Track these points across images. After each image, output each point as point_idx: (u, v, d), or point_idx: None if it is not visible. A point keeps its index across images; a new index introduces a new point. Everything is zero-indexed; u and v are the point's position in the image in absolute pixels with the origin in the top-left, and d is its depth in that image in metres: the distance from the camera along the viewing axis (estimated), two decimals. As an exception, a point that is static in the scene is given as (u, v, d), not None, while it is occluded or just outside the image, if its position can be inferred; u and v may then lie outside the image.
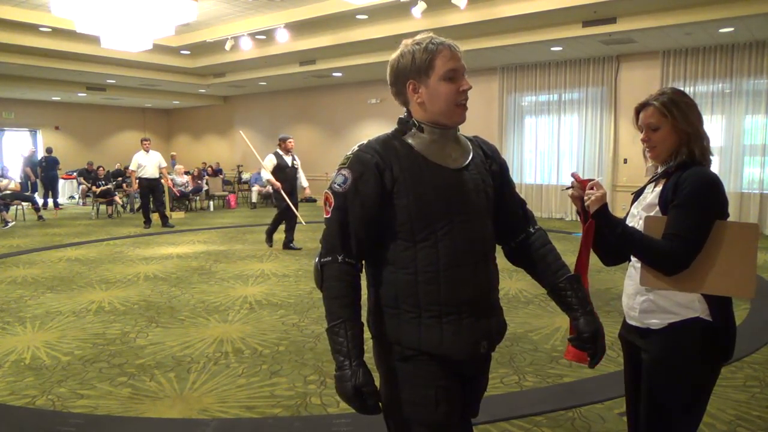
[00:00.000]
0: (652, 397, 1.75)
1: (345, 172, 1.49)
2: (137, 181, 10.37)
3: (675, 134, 1.75)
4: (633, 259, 1.83)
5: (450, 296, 1.47)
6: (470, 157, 1.57)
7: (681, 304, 1.70)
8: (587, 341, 1.55)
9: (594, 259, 1.85)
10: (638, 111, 1.84)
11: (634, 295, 1.81)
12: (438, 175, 1.50)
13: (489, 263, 1.57)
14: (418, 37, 1.51)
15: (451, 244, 1.48)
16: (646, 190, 1.88)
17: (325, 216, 1.52)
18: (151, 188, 10.43)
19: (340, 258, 1.48)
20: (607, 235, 1.76)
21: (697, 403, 1.73)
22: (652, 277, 1.71)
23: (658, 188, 1.79)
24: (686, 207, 1.66)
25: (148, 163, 10.29)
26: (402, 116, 1.57)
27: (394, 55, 1.53)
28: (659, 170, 1.82)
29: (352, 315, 1.46)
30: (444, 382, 1.49)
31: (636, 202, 1.90)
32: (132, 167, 10.39)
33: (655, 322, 1.74)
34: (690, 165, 1.73)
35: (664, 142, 1.77)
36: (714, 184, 1.70)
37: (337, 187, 1.49)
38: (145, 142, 10.47)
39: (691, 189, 1.66)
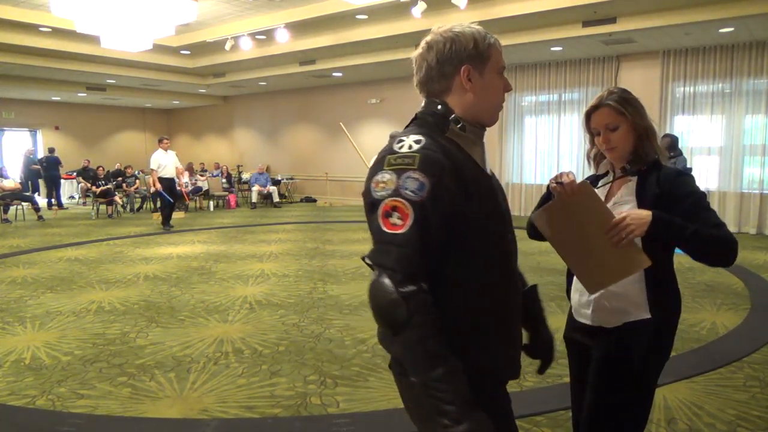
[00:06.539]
0: (597, 395, 1.73)
1: (417, 175, 1.17)
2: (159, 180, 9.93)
3: (633, 132, 1.74)
4: None
5: (510, 317, 1.35)
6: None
7: (635, 304, 1.69)
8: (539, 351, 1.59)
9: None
10: (589, 114, 1.80)
11: (586, 293, 1.77)
12: (489, 183, 1.32)
13: None
14: (465, 24, 1.31)
15: (507, 260, 1.33)
16: (599, 190, 1.81)
17: (393, 231, 1.17)
18: (170, 187, 10.08)
19: (424, 286, 1.16)
20: (675, 241, 1.62)
21: (642, 402, 1.72)
22: (594, 284, 1.69)
23: (631, 184, 1.75)
24: (699, 203, 1.64)
25: (168, 162, 9.99)
26: (437, 109, 1.29)
27: (443, 36, 1.29)
28: (627, 167, 1.77)
29: (451, 352, 1.17)
30: (507, 403, 1.43)
31: None
32: (153, 166, 9.93)
33: (610, 320, 1.73)
34: (658, 162, 1.75)
35: (625, 141, 1.74)
36: (692, 177, 1.76)
37: (412, 194, 1.16)
38: (164, 141, 10.08)
39: (691, 187, 1.67)
